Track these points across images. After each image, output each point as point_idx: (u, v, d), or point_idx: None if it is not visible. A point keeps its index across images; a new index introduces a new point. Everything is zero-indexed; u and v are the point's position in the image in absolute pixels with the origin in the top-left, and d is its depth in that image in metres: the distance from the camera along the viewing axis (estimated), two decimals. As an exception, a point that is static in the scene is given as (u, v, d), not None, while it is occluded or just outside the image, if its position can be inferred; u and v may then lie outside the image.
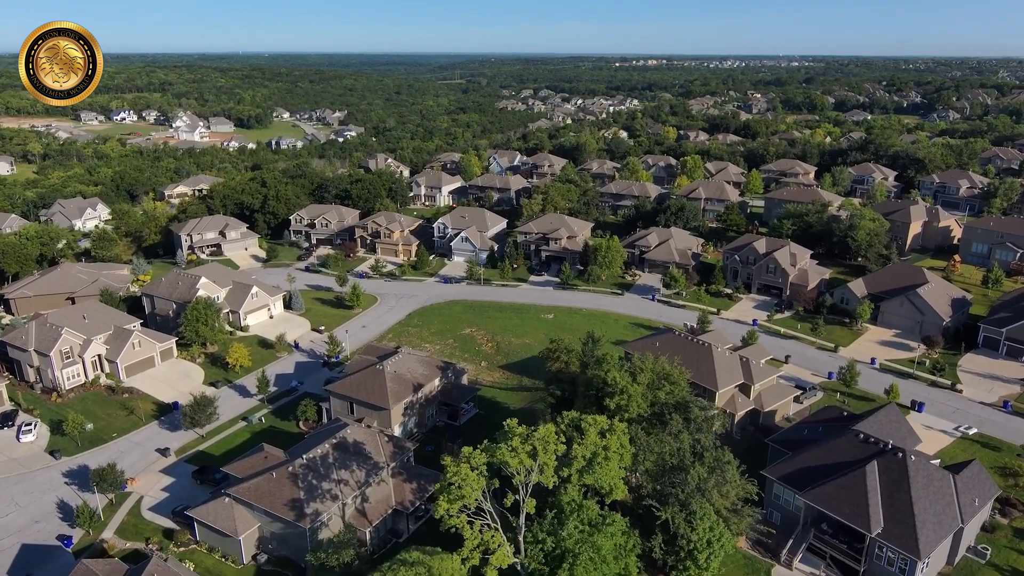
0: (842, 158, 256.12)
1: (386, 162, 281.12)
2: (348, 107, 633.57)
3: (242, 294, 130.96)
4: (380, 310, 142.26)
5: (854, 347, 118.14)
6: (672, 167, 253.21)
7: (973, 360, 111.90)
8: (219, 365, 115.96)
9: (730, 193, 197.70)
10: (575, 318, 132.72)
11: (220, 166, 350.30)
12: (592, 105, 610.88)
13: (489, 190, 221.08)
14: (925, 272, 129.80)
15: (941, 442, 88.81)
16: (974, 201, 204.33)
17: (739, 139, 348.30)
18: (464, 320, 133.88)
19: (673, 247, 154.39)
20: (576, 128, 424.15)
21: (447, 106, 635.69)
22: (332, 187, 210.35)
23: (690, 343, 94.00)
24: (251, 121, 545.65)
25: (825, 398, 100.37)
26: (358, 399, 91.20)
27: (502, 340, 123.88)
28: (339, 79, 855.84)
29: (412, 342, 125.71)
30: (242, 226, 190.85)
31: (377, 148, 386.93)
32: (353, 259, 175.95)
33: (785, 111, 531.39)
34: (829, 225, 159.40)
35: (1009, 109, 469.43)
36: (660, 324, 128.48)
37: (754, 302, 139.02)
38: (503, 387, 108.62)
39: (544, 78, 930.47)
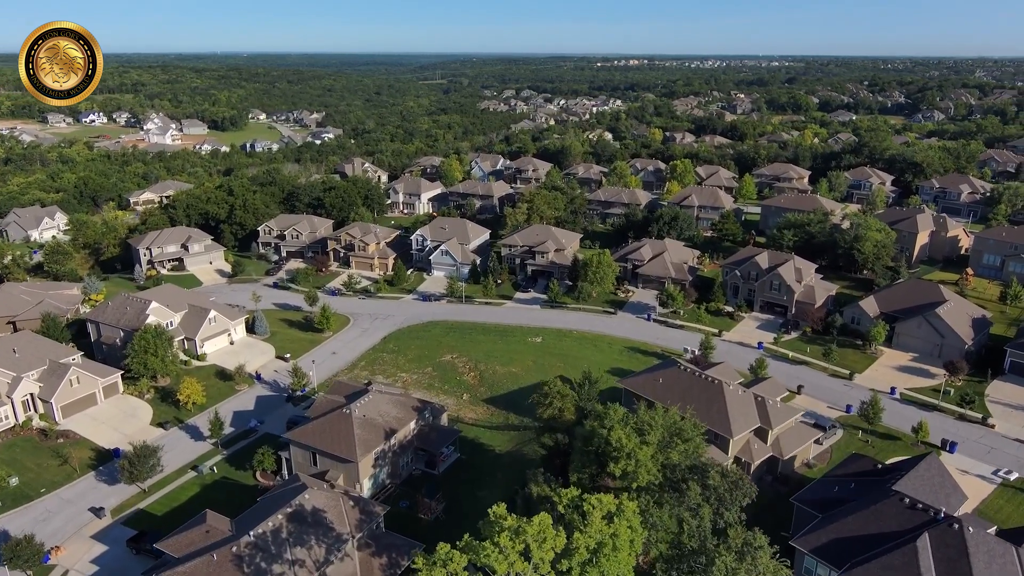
0: (836, 161, 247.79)
1: (363, 167, 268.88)
2: (326, 108, 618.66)
3: (198, 319, 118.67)
4: (352, 333, 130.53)
5: (870, 373, 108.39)
6: (661, 171, 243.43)
7: (1001, 388, 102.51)
8: (170, 402, 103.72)
9: (724, 200, 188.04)
10: (565, 342, 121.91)
11: (191, 170, 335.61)
12: (575, 106, 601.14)
13: (471, 197, 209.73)
14: (942, 289, 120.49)
15: (981, 491, 78.99)
16: (976, 207, 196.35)
17: (727, 141, 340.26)
18: (444, 344, 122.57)
19: (668, 261, 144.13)
20: (560, 130, 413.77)
21: (428, 107, 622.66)
22: (304, 195, 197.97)
23: (697, 379, 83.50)
24: (225, 123, 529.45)
25: (846, 437, 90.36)
26: (321, 450, 79.68)
27: (486, 368, 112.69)
28: (318, 79, 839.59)
29: (387, 371, 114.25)
30: (207, 238, 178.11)
31: (355, 151, 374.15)
32: (325, 274, 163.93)
33: (770, 111, 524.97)
34: (832, 236, 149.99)
35: (994, 109, 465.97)
36: (658, 348, 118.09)
37: (757, 321, 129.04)
38: (487, 425, 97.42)
39: (526, 78, 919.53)
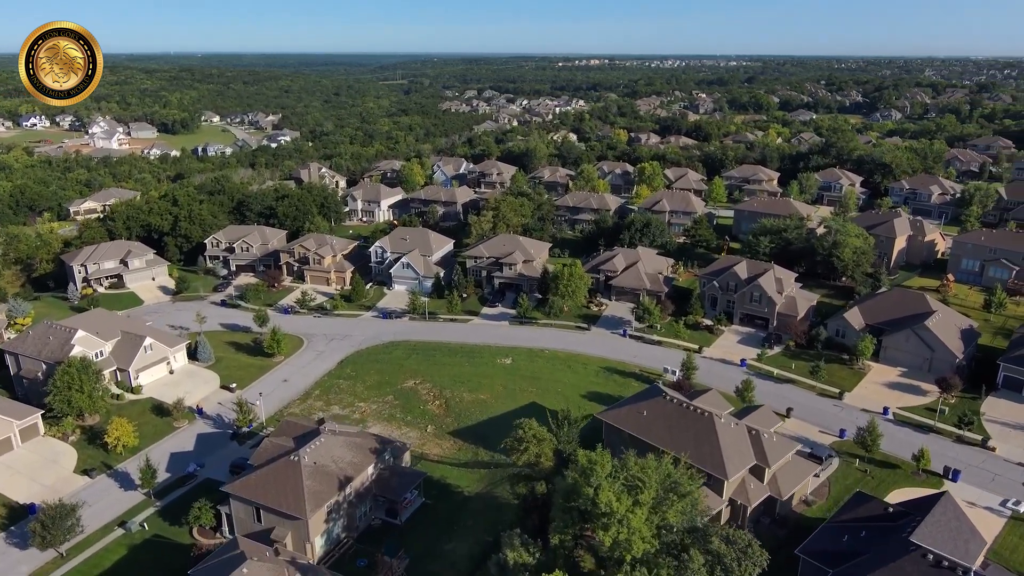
0: (804, 162, 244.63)
1: (319, 172, 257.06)
2: (283, 110, 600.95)
3: (132, 347, 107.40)
4: (306, 356, 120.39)
5: (859, 392, 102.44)
6: (629, 174, 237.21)
7: (996, 406, 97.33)
8: (98, 444, 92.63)
9: (696, 204, 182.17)
10: (537, 362, 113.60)
11: (139, 176, 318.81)
12: (538, 106, 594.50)
13: (433, 204, 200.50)
14: (928, 299, 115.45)
15: (992, 526, 72.89)
16: (947, 208, 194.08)
17: (693, 142, 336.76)
18: (406, 368, 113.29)
19: (643, 271, 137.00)
20: (523, 131, 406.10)
21: (388, 108, 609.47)
22: (255, 204, 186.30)
23: (685, 411, 75.98)
24: (176, 126, 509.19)
25: (843, 466, 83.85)
26: (266, 505, 70.04)
27: (452, 396, 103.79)
28: (275, 80, 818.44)
29: (343, 400, 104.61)
30: (149, 252, 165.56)
31: (313, 154, 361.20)
32: (278, 289, 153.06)
33: (732, 111, 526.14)
34: (809, 242, 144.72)
35: (949, 108, 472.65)
36: (636, 368, 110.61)
37: (738, 335, 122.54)
38: (455, 462, 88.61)
39: (488, 78, 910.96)
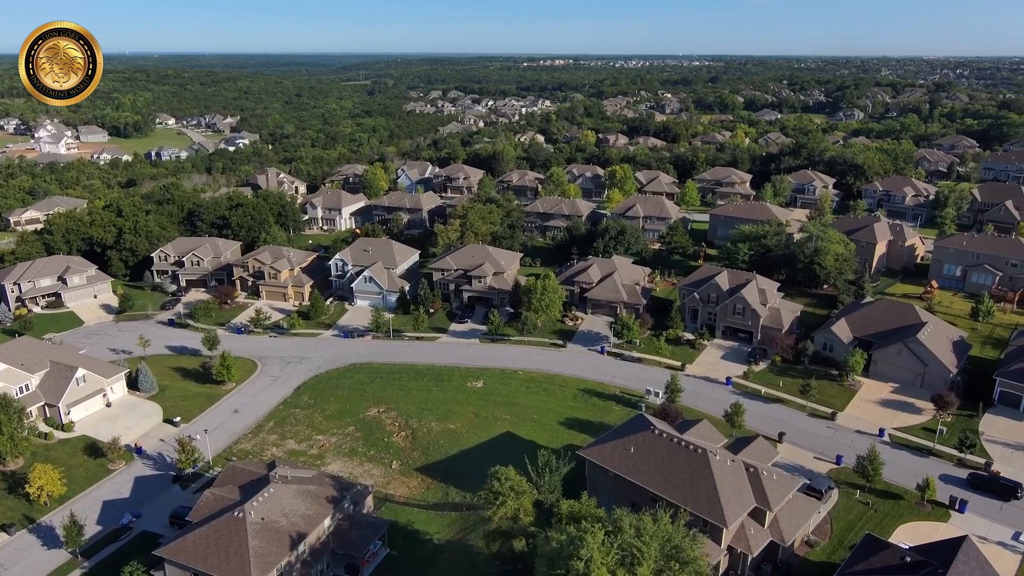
0: (775, 164, 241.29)
1: (278, 178, 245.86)
2: (242, 112, 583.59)
3: (63, 379, 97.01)
4: (260, 383, 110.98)
5: (852, 411, 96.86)
6: (600, 177, 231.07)
7: (994, 424, 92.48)
8: (19, 494, 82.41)
9: (671, 209, 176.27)
10: (510, 385, 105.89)
11: (87, 183, 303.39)
12: (504, 107, 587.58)
13: (398, 211, 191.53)
14: (917, 310, 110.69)
15: (1008, 564, 67.23)
16: (921, 210, 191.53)
17: (662, 143, 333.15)
18: (369, 395, 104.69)
19: (619, 282, 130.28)
20: (490, 132, 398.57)
21: (351, 109, 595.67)
22: (207, 214, 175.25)
23: (676, 448, 69.01)
24: (129, 129, 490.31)
25: (843, 498, 77.78)
26: (206, 573, 61.15)
27: (419, 426, 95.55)
28: (234, 81, 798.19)
29: (300, 433, 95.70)
30: (91, 268, 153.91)
31: (272, 158, 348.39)
32: (231, 306, 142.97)
33: (698, 111, 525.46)
34: (790, 249, 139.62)
35: (910, 107, 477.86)
36: (616, 390, 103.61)
37: (721, 349, 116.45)
38: (422, 504, 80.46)
39: (452, 79, 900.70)
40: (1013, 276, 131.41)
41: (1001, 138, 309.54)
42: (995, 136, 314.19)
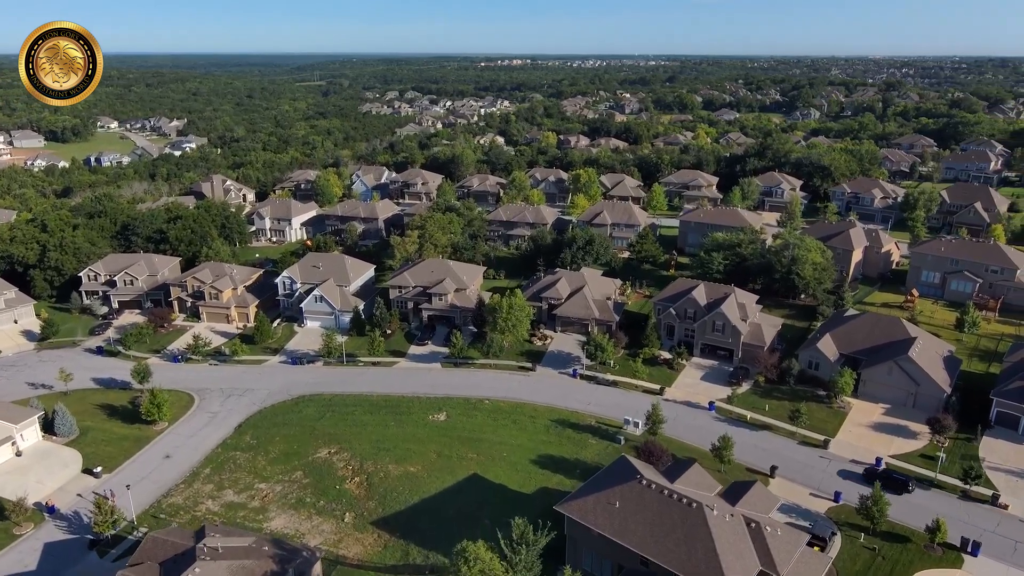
0: (740, 165, 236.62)
1: (224, 185, 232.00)
2: (190, 114, 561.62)
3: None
4: (196, 421, 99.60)
5: (844, 437, 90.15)
6: (563, 182, 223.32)
7: (994, 448, 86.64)
8: (-99, 571, 70.28)
9: (639, 216, 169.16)
10: (476, 417, 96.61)
11: (19, 191, 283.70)
12: (462, 107, 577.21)
13: (352, 221, 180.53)
14: (905, 324, 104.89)
15: (1033, 620, 61.01)
16: (890, 212, 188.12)
17: (624, 144, 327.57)
18: (319, 432, 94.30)
19: (590, 297, 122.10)
20: (448, 134, 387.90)
21: (305, 111, 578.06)
22: (143, 227, 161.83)
23: (668, 501, 60.73)
24: (67, 134, 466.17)
25: (847, 543, 70.57)
26: None
27: (375, 469, 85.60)
28: (182, 82, 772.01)
29: (240, 482, 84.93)
30: (10, 289, 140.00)
31: (221, 163, 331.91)
32: (168, 331, 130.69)
33: (658, 111, 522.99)
34: (766, 258, 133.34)
35: (864, 106, 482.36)
36: (592, 420, 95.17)
37: (700, 369, 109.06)
38: (380, 567, 70.52)
39: (409, 79, 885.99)
40: (993, 283, 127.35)
41: (957, 137, 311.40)
42: (951, 135, 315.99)
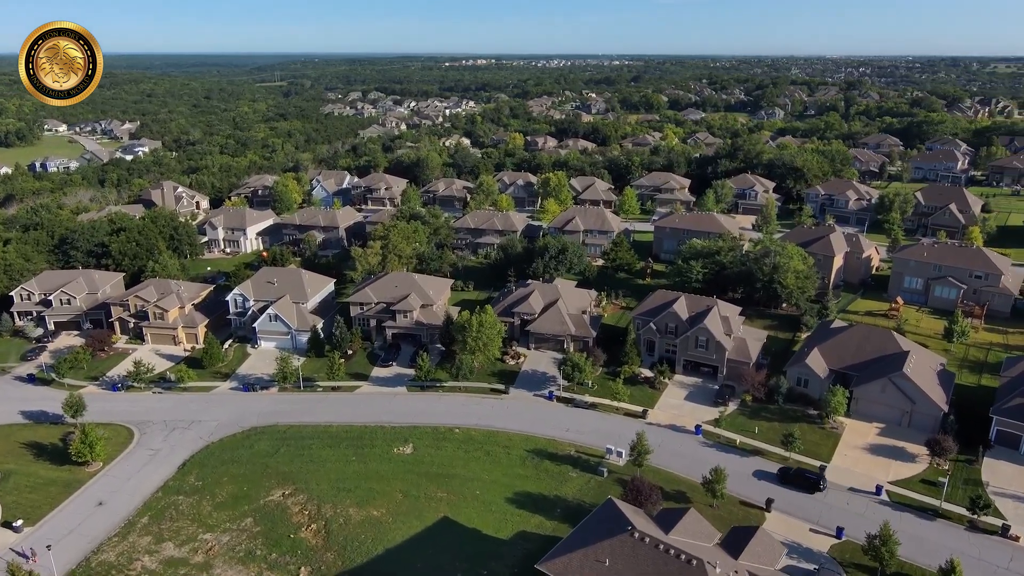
0: (712, 167, 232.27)
1: (176, 192, 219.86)
2: (143, 116, 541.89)
3: None
4: (135, 460, 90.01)
5: (840, 462, 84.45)
6: (532, 186, 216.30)
7: (997, 471, 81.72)
8: None
9: (613, 222, 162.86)
10: (446, 449, 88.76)
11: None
12: (427, 108, 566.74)
13: (311, 230, 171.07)
14: (896, 337, 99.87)
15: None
16: (865, 215, 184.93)
17: (592, 145, 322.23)
18: (272, 471, 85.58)
19: (565, 312, 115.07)
20: (413, 136, 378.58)
21: (265, 112, 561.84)
22: (83, 241, 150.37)
23: (664, 558, 53.88)
24: (11, 138, 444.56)
25: (854, 588, 64.69)
26: None
27: (335, 513, 77.27)
28: (135, 83, 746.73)
29: (181, 532, 75.86)
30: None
31: (175, 168, 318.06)
32: (108, 355, 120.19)
33: (624, 111, 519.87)
34: (747, 266, 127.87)
35: (827, 105, 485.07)
36: (571, 449, 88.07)
37: (684, 388, 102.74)
38: (339, 634, 62.68)
39: (373, 79, 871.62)
40: (978, 289, 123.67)
41: (921, 136, 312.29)
42: (916, 134, 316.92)
